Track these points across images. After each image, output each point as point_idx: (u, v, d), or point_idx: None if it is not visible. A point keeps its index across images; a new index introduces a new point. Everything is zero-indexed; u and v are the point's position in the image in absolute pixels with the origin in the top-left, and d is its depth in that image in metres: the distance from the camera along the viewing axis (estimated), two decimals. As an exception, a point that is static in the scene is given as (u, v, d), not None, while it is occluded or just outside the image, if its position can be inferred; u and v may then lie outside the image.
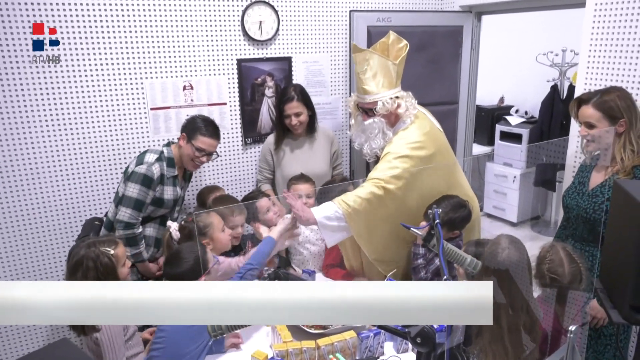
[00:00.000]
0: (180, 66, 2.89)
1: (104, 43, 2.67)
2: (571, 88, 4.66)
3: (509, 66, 5.52)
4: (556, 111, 4.83)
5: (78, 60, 2.63)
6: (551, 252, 1.80)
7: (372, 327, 1.94)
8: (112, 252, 1.85)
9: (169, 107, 2.91)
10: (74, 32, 2.58)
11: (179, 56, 2.87)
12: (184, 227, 2.22)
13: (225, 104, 3.07)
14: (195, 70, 2.94)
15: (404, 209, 2.31)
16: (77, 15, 2.57)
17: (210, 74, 2.98)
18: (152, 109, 2.87)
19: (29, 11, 2.47)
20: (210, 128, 2.51)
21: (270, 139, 3.01)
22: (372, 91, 2.35)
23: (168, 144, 2.55)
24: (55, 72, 2.59)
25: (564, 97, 4.82)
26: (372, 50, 2.39)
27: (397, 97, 2.36)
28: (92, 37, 2.63)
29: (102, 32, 2.65)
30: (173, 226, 2.22)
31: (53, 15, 2.52)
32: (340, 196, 2.26)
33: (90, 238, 1.94)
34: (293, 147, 2.97)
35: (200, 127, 2.48)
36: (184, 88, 2.93)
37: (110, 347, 1.77)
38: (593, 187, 2.09)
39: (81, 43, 2.61)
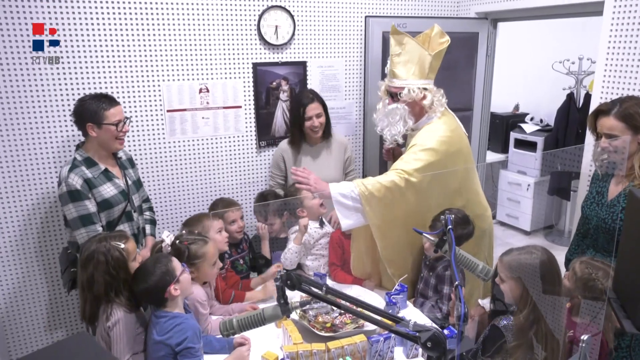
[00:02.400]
0: (197, 69, 2.93)
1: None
2: (587, 96, 4.62)
3: (525, 74, 5.49)
4: (572, 120, 4.79)
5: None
6: (590, 268, 1.74)
7: (382, 331, 1.94)
8: (122, 246, 1.87)
9: (184, 110, 2.95)
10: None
11: (196, 59, 2.91)
12: (177, 248, 2.02)
13: (240, 107, 3.10)
14: (212, 73, 2.97)
15: (424, 205, 2.30)
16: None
17: (226, 77, 3.02)
18: (168, 110, 2.91)
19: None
20: (105, 99, 2.27)
21: (283, 144, 2.98)
22: (401, 76, 2.36)
23: (77, 147, 2.36)
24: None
25: (580, 105, 4.78)
26: (411, 37, 2.37)
27: (424, 89, 2.36)
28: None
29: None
30: (167, 240, 2.02)
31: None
32: (361, 179, 2.26)
33: (101, 233, 1.96)
34: (307, 153, 2.94)
35: (98, 106, 2.24)
36: (200, 91, 2.97)
37: (119, 337, 1.79)
38: (612, 197, 2.08)
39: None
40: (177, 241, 2.05)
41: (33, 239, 2.73)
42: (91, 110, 2.23)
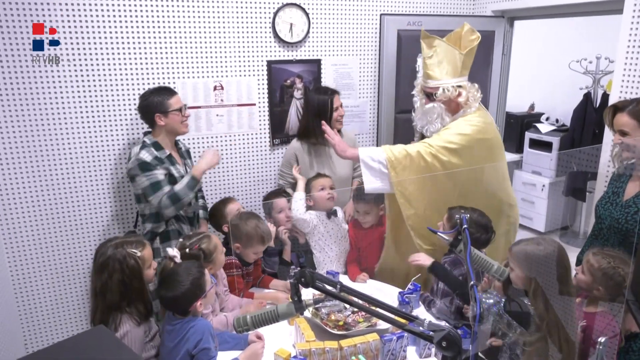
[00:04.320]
0: (212, 67, 2.94)
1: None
2: (605, 96, 4.55)
3: (541, 73, 5.42)
4: (588, 120, 4.72)
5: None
6: (607, 257, 1.74)
7: (395, 330, 1.93)
8: (138, 254, 1.85)
9: (199, 107, 2.97)
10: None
11: (211, 57, 2.92)
12: (190, 255, 2.02)
13: (254, 104, 3.10)
14: (226, 71, 2.98)
15: (450, 185, 2.37)
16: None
17: (240, 75, 3.03)
18: (183, 108, 2.92)
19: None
20: (165, 91, 2.49)
21: (296, 143, 2.97)
22: (435, 77, 2.43)
23: (145, 134, 2.57)
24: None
25: (597, 105, 4.71)
26: (441, 38, 2.44)
27: (459, 86, 2.42)
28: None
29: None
30: (177, 257, 1.97)
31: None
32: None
33: (117, 238, 1.95)
34: (320, 151, 2.94)
35: (161, 97, 2.45)
36: (215, 88, 2.98)
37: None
38: (627, 197, 2.05)
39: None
40: (187, 250, 2.04)
41: (37, 254, 2.78)
42: (156, 102, 2.45)
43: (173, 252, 1.95)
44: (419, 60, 2.80)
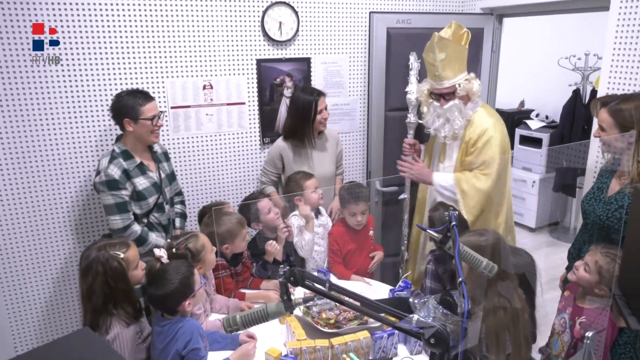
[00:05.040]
0: (201, 66, 2.93)
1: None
2: (594, 93, 4.59)
3: (530, 70, 5.46)
4: (578, 116, 4.76)
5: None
6: (613, 257, 1.81)
7: (386, 328, 1.94)
8: (122, 255, 1.84)
9: (188, 106, 2.95)
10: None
11: (200, 56, 2.91)
12: (178, 255, 2.01)
13: (244, 103, 3.09)
14: (216, 70, 2.97)
15: (495, 189, 2.61)
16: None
17: (230, 74, 3.01)
18: (172, 107, 2.91)
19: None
20: (141, 95, 2.38)
21: (281, 142, 2.95)
22: (449, 76, 2.54)
23: (116, 140, 2.47)
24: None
25: (586, 101, 4.75)
26: (446, 38, 2.54)
27: (467, 79, 2.57)
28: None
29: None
30: (164, 257, 1.95)
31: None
32: (458, 173, 2.62)
33: (102, 240, 1.94)
34: (306, 149, 2.94)
35: (134, 101, 2.34)
36: (204, 87, 2.97)
37: (120, 351, 1.77)
38: (610, 194, 2.07)
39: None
40: (174, 250, 2.03)
41: (30, 244, 2.76)
42: (128, 106, 2.34)
43: (160, 252, 1.94)
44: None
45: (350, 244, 2.70)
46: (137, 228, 2.40)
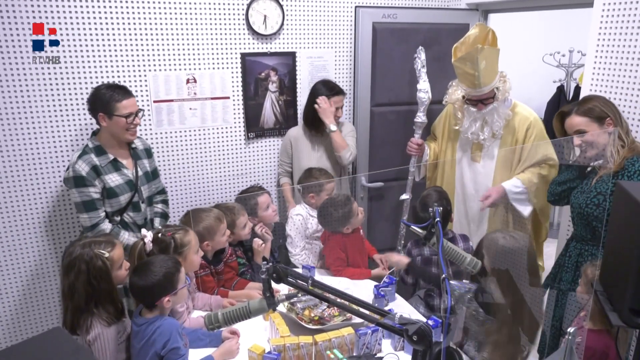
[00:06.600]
0: (184, 59, 2.88)
1: (103, 42, 2.65)
2: (577, 89, 4.63)
3: (515, 66, 5.46)
4: (562, 112, 4.79)
5: (77, 60, 2.61)
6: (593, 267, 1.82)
7: (370, 324, 1.93)
8: (107, 255, 1.81)
9: (172, 100, 2.91)
10: (73, 32, 2.57)
11: (183, 49, 2.86)
12: (161, 241, 2.01)
13: (228, 97, 3.06)
14: (199, 64, 2.93)
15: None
16: (77, 16, 2.55)
17: (214, 68, 2.97)
18: (155, 101, 2.86)
19: (29, 11, 2.45)
20: (119, 91, 2.30)
21: (293, 131, 3.08)
22: (489, 82, 2.52)
23: (93, 134, 2.39)
24: (55, 72, 2.57)
25: (570, 98, 4.79)
26: (480, 43, 2.52)
27: (502, 80, 2.59)
28: (92, 37, 2.61)
29: (102, 31, 2.64)
30: (148, 237, 1.99)
31: (53, 15, 2.50)
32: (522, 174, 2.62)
33: (87, 237, 1.90)
34: (314, 141, 3.05)
35: (111, 96, 2.26)
36: (188, 81, 2.92)
37: (102, 351, 1.75)
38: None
39: (81, 43, 2.59)
40: (160, 234, 2.01)
41: (36, 240, 2.70)
42: (103, 101, 2.26)
43: (146, 232, 1.94)
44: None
45: (350, 247, 2.66)
46: (105, 227, 2.32)
